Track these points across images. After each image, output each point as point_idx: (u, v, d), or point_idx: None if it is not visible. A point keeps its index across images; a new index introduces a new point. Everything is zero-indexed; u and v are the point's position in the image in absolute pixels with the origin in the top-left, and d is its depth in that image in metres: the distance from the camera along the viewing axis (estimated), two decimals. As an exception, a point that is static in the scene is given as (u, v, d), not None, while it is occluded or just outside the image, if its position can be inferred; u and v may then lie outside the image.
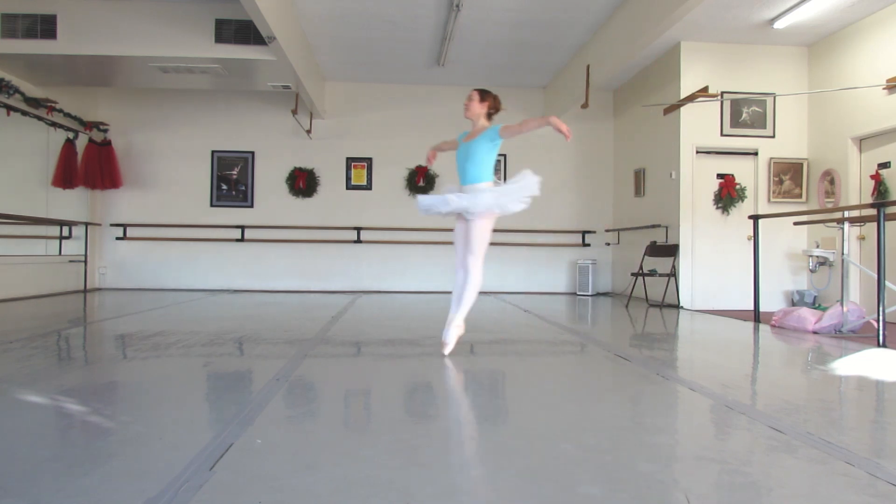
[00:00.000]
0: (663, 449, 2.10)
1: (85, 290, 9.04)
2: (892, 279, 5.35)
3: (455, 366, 3.71)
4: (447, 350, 3.81)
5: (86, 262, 9.15)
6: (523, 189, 3.74)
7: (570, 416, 2.52)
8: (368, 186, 9.83)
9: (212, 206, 9.65)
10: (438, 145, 4.30)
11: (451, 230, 9.53)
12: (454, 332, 3.84)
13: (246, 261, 9.71)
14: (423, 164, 9.76)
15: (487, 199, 3.71)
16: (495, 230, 3.87)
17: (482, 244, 3.83)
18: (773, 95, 7.51)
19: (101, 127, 9.38)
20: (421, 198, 3.93)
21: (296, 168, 9.70)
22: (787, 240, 7.64)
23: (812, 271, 6.66)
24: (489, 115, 3.94)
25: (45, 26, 6.79)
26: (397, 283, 9.81)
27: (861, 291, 6.83)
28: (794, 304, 7.49)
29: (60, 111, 8.42)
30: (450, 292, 4.09)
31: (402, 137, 9.85)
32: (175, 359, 3.66)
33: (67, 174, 8.73)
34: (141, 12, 6.92)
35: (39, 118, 8.13)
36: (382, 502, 1.60)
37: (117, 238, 9.61)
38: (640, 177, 8.86)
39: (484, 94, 3.92)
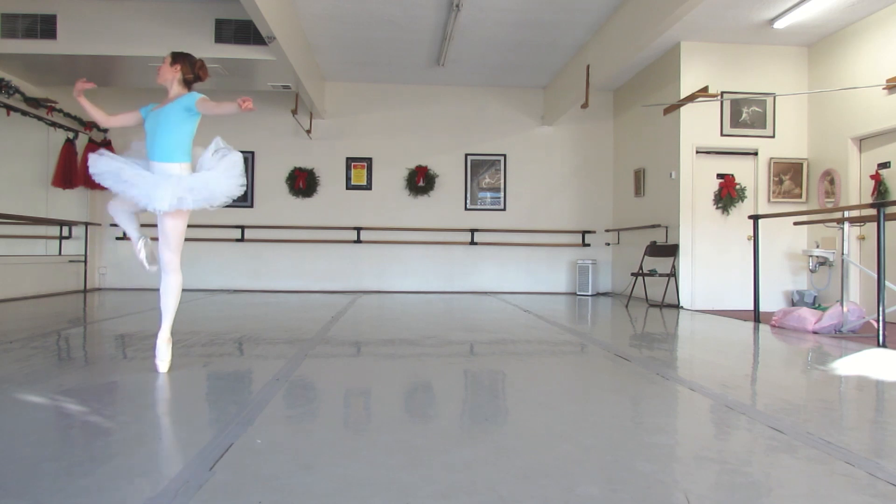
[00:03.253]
0: (663, 449, 2.10)
1: (85, 290, 9.04)
2: (892, 279, 5.35)
3: (455, 366, 3.71)
4: (163, 368, 3.27)
5: (86, 262, 9.14)
6: (222, 181, 3.24)
7: (570, 416, 2.52)
8: (368, 186, 9.83)
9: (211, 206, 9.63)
10: (94, 109, 3.45)
11: (454, 230, 9.70)
12: (165, 348, 3.31)
13: (246, 261, 9.71)
14: (423, 164, 9.78)
15: (168, 193, 3.09)
16: (495, 230, 3.73)
17: (180, 240, 3.33)
18: (773, 95, 7.50)
19: (102, 127, 9.36)
20: (99, 161, 3.16)
21: (296, 168, 9.70)
22: (787, 240, 7.64)
23: (812, 271, 6.66)
24: (186, 83, 3.47)
25: (45, 26, 6.79)
26: (397, 283, 9.81)
27: (861, 291, 6.83)
28: (794, 304, 7.48)
29: (60, 111, 8.42)
30: (448, 292, 4.04)
31: (402, 137, 9.84)
32: (175, 359, 3.65)
33: (67, 174, 8.72)
34: (141, 12, 6.92)
35: (39, 118, 8.13)
36: (382, 502, 1.60)
37: (117, 238, 9.60)
38: (640, 177, 8.86)
39: (175, 57, 3.47)
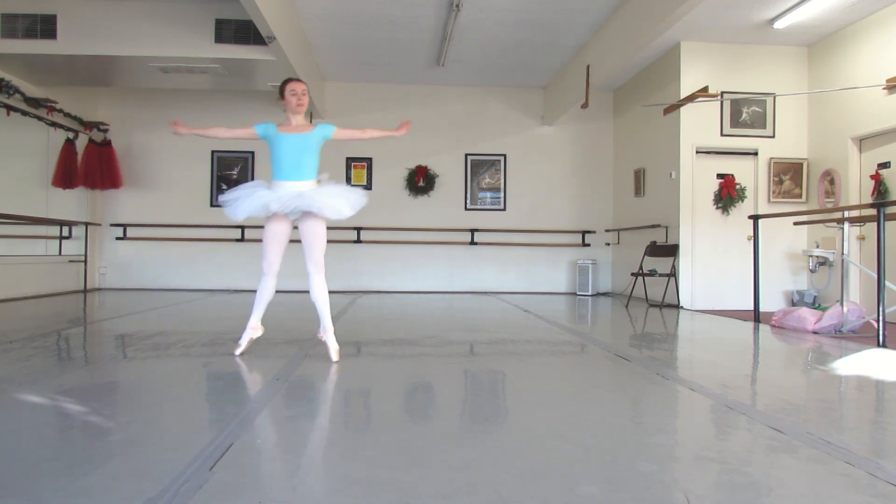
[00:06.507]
0: (663, 449, 2.10)
1: (85, 290, 9.03)
2: (892, 279, 5.35)
3: (455, 366, 3.71)
4: (335, 357, 3.62)
5: (86, 262, 9.14)
6: (354, 200, 3.72)
7: (570, 416, 2.52)
8: (368, 186, 9.82)
9: (212, 206, 9.63)
10: (207, 129, 3.83)
11: (454, 230, 9.70)
12: (333, 339, 3.70)
13: (246, 261, 9.70)
14: (423, 164, 9.78)
15: (342, 200, 3.65)
16: (495, 230, 3.74)
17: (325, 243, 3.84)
18: (773, 95, 7.50)
19: (101, 127, 9.37)
20: (243, 200, 3.69)
21: (296, 168, 9.68)
22: (787, 240, 7.64)
23: (812, 271, 6.66)
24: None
25: (45, 26, 6.79)
26: (397, 283, 9.81)
27: (861, 291, 6.83)
28: (794, 304, 7.48)
29: (60, 111, 8.42)
30: (448, 292, 4.05)
31: (402, 137, 9.73)
32: (175, 359, 3.66)
33: (67, 174, 8.72)
34: (141, 12, 6.92)
35: (39, 118, 8.13)
36: (382, 502, 1.60)
37: (117, 238, 9.60)
38: (640, 177, 8.86)
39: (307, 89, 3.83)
